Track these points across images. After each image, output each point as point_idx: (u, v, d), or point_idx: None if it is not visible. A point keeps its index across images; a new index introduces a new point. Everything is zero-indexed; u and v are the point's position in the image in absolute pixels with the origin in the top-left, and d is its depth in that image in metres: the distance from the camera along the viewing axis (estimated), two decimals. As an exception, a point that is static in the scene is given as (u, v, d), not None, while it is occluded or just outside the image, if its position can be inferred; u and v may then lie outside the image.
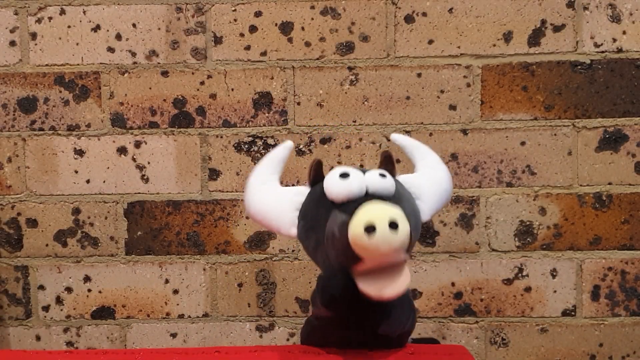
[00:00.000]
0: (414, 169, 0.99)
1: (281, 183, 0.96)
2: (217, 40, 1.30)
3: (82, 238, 1.32)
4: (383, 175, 0.88)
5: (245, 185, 0.95)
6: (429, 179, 0.96)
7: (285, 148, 0.98)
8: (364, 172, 0.88)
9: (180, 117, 1.31)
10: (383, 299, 0.84)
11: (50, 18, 1.30)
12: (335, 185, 0.87)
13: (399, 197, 0.89)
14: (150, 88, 1.31)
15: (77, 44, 1.30)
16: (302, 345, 0.99)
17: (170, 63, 1.30)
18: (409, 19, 1.28)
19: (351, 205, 0.84)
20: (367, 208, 0.83)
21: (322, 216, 0.88)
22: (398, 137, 1.02)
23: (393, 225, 0.80)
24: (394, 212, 0.82)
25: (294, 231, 0.91)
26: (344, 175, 0.87)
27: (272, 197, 0.94)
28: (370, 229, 0.80)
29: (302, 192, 0.93)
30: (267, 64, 1.30)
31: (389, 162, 0.93)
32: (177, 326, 1.34)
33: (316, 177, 0.92)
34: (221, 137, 1.31)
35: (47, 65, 1.30)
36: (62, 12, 1.30)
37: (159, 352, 0.97)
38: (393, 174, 0.93)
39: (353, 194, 0.85)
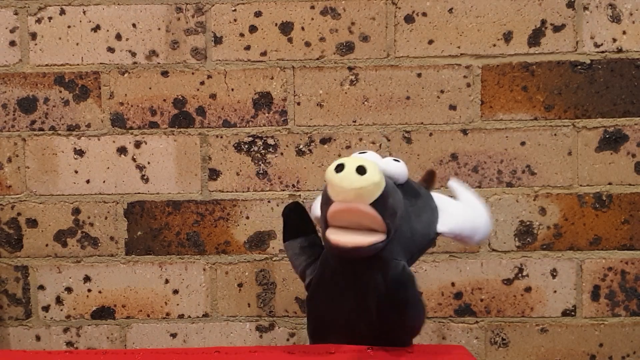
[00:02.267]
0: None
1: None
2: (217, 40, 1.30)
3: (82, 238, 1.32)
4: (397, 160, 0.93)
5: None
6: (463, 208, 0.98)
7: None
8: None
9: (180, 117, 1.31)
10: (340, 247, 0.87)
11: (50, 18, 1.30)
12: (352, 157, 0.91)
13: (412, 190, 0.93)
14: (150, 88, 1.31)
15: (77, 44, 1.30)
16: (304, 345, 0.99)
17: (170, 63, 1.30)
18: (409, 19, 1.28)
19: None
20: (351, 156, 0.90)
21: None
22: (453, 184, 1.03)
23: (361, 169, 0.84)
24: (370, 162, 0.85)
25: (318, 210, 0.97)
26: (362, 153, 0.94)
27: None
28: (339, 168, 0.85)
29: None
30: (267, 64, 1.30)
31: (430, 179, 1.00)
32: (177, 326, 1.34)
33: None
34: (221, 137, 1.31)
35: (47, 65, 1.30)
36: (62, 12, 1.30)
37: (159, 352, 0.97)
38: (428, 189, 0.98)
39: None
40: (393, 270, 0.90)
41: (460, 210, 0.97)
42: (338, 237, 0.87)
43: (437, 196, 0.98)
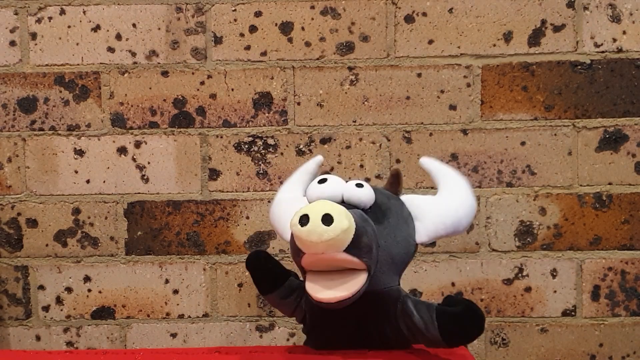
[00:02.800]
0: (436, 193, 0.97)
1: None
2: (217, 40, 1.30)
3: (82, 238, 1.32)
4: (360, 185, 0.88)
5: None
6: (437, 202, 0.94)
7: (315, 162, 1.02)
8: (348, 181, 0.90)
9: (180, 117, 1.31)
10: (323, 303, 0.84)
11: (50, 18, 1.30)
12: (312, 189, 0.89)
13: (382, 213, 0.89)
14: (150, 88, 1.31)
15: (77, 44, 1.30)
16: (303, 345, 0.99)
17: (170, 63, 1.30)
18: (409, 19, 1.28)
19: None
20: (313, 203, 0.85)
21: None
22: (426, 162, 1.00)
23: (327, 219, 0.80)
24: (335, 208, 0.82)
25: (287, 236, 0.93)
26: (322, 181, 0.88)
27: (284, 206, 0.97)
28: (303, 220, 0.81)
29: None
30: (267, 64, 1.30)
31: (395, 181, 0.94)
32: (177, 326, 1.34)
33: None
34: (221, 137, 1.31)
35: (47, 65, 1.30)
36: (62, 12, 1.30)
37: (159, 352, 0.97)
38: (397, 193, 0.94)
39: (325, 196, 0.87)
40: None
41: (436, 209, 0.93)
42: (319, 295, 0.84)
43: (410, 200, 0.94)
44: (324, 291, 0.84)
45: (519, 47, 1.28)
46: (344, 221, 0.81)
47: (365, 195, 0.88)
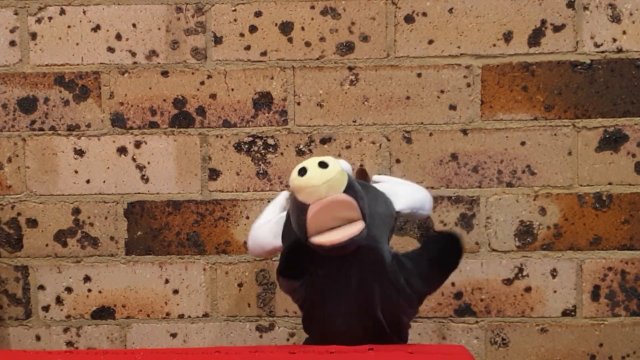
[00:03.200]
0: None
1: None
2: (217, 40, 1.30)
3: (82, 238, 1.32)
4: (323, 164, 0.94)
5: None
6: (402, 186, 1.06)
7: (282, 197, 1.07)
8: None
9: (180, 117, 1.31)
10: (334, 245, 0.90)
11: (50, 18, 1.30)
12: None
13: (361, 184, 0.97)
14: (150, 88, 1.31)
15: (77, 44, 1.30)
16: (304, 345, 0.99)
17: (170, 63, 1.30)
18: (409, 19, 1.28)
19: None
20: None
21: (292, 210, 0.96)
22: (378, 178, 1.08)
23: (322, 164, 0.91)
24: (327, 157, 0.92)
25: (278, 240, 1.01)
26: (302, 171, 0.94)
27: (266, 228, 1.04)
28: (302, 171, 0.91)
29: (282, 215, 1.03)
30: (267, 64, 1.30)
31: (363, 177, 1.07)
32: (177, 326, 1.34)
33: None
34: (221, 137, 1.31)
35: (47, 65, 1.30)
36: (62, 12, 1.30)
37: (159, 352, 0.97)
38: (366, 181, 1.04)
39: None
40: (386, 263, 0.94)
41: (403, 189, 1.04)
42: (326, 239, 0.90)
43: (380, 179, 1.05)
44: (331, 235, 0.90)
45: (519, 47, 1.28)
46: (337, 164, 0.91)
47: (346, 164, 0.98)
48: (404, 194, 1.03)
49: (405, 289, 0.95)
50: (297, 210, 0.92)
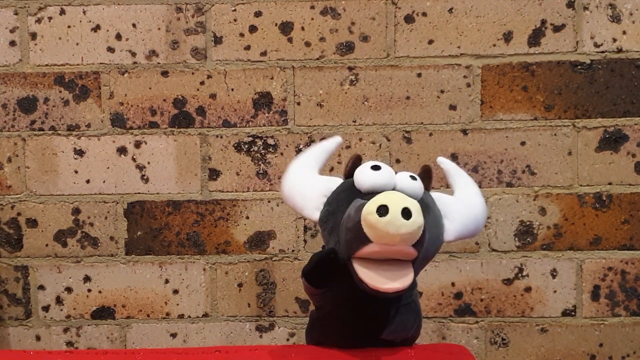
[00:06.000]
0: (452, 194, 0.99)
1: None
2: (217, 40, 1.30)
3: (82, 238, 1.32)
4: (414, 178, 0.89)
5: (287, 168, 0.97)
6: (463, 202, 0.96)
7: (334, 142, 1.00)
8: (395, 172, 0.90)
9: (180, 117, 1.31)
10: (378, 291, 0.84)
11: (50, 18, 1.30)
12: (365, 174, 0.88)
13: (425, 205, 0.89)
14: (150, 88, 1.31)
15: (77, 44, 1.30)
16: (304, 344, 0.99)
17: (170, 63, 1.30)
18: (409, 19, 1.28)
19: (374, 194, 0.85)
20: (387, 193, 0.84)
21: (344, 202, 0.89)
22: (443, 162, 1.02)
23: (406, 212, 0.81)
24: (411, 202, 0.83)
25: (316, 215, 0.93)
26: (376, 167, 0.88)
27: (305, 180, 0.96)
28: (382, 210, 0.81)
29: (335, 181, 0.94)
30: (267, 64, 1.30)
31: (427, 177, 0.94)
32: (177, 326, 1.34)
33: (352, 170, 0.93)
34: (221, 137, 1.31)
35: (47, 65, 1.31)
36: (62, 12, 1.30)
37: (159, 352, 0.97)
38: (427, 188, 0.94)
39: (379, 184, 0.87)
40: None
41: (463, 210, 0.95)
42: (382, 286, 0.84)
43: (438, 198, 0.95)
44: (384, 282, 0.84)
45: (519, 47, 1.28)
46: (420, 217, 0.83)
47: (419, 188, 0.89)
48: (463, 217, 0.94)
49: (418, 309, 0.93)
50: (356, 234, 0.84)
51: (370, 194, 0.86)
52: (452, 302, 1.31)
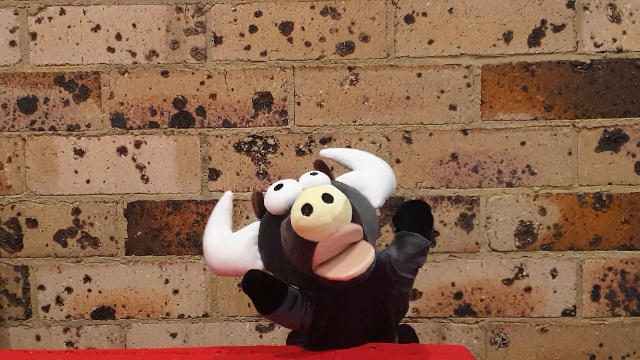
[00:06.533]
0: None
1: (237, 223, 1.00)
2: (217, 40, 1.30)
3: (82, 238, 1.32)
4: (314, 173, 0.91)
5: (203, 246, 0.95)
6: (367, 170, 0.98)
7: (227, 199, 0.99)
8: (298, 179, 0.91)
9: (180, 117, 1.31)
10: (347, 281, 0.84)
11: (50, 18, 1.30)
12: (272, 199, 0.89)
13: (340, 187, 0.90)
14: (150, 88, 1.31)
15: (77, 44, 1.30)
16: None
17: (170, 63, 1.30)
18: (409, 19, 1.28)
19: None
20: (301, 194, 0.86)
21: (275, 234, 0.89)
22: (327, 152, 1.03)
23: (327, 198, 0.82)
24: (325, 187, 0.85)
25: (259, 264, 0.93)
26: (278, 187, 0.89)
27: (229, 247, 0.94)
28: (306, 209, 0.82)
29: (254, 227, 0.94)
30: (267, 64, 1.30)
31: (324, 169, 0.95)
32: (177, 326, 1.34)
33: (261, 208, 0.93)
34: (221, 137, 1.31)
35: (47, 65, 1.30)
36: (62, 12, 1.30)
37: (159, 352, 0.97)
38: (332, 177, 0.95)
39: (289, 197, 0.87)
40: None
41: (368, 175, 0.97)
42: (338, 274, 0.84)
43: (346, 179, 0.96)
44: (340, 270, 0.84)
45: (519, 47, 1.28)
46: (341, 193, 0.84)
47: (324, 178, 0.90)
48: (375, 183, 0.96)
49: (404, 283, 0.93)
50: (301, 247, 0.84)
51: (288, 212, 0.86)
52: (452, 302, 1.31)
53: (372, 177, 0.97)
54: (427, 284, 1.31)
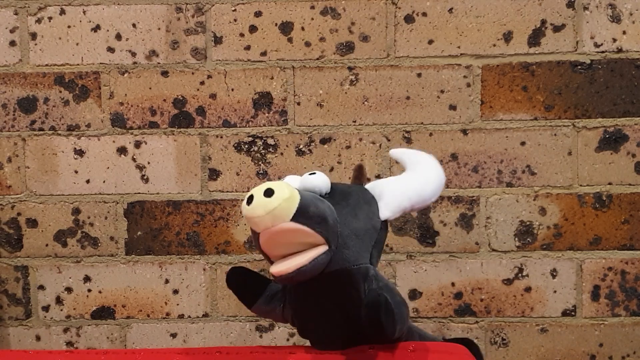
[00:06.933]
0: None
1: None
2: (217, 40, 1.30)
3: (82, 238, 1.32)
4: (313, 173, 0.91)
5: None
6: (399, 181, 0.96)
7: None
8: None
9: (180, 117, 1.31)
10: (284, 276, 0.86)
11: (50, 18, 1.30)
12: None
13: (340, 195, 0.91)
14: (150, 88, 1.31)
15: (77, 44, 1.30)
16: (304, 345, 0.99)
17: (170, 63, 1.30)
18: (409, 19, 1.28)
19: None
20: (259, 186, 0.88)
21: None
22: (394, 153, 1.02)
23: (268, 192, 0.84)
24: (277, 184, 0.86)
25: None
26: (249, 200, 0.88)
27: None
28: (249, 199, 0.85)
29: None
30: (267, 64, 1.30)
31: (360, 174, 0.99)
32: (177, 326, 1.34)
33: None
34: (221, 137, 1.31)
35: (47, 65, 1.30)
36: (62, 12, 1.30)
37: (159, 352, 0.97)
38: (363, 183, 0.97)
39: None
40: (368, 296, 0.88)
41: (398, 186, 0.95)
42: (278, 268, 0.86)
43: (375, 183, 0.96)
44: (283, 264, 0.86)
45: (519, 47, 1.28)
46: (285, 190, 0.85)
47: (319, 180, 0.91)
48: (397, 192, 0.94)
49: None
50: (253, 236, 0.89)
51: None
52: (452, 302, 1.31)
53: (400, 188, 0.95)
54: (427, 284, 1.31)
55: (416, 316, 1.31)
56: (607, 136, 1.28)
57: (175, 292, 1.33)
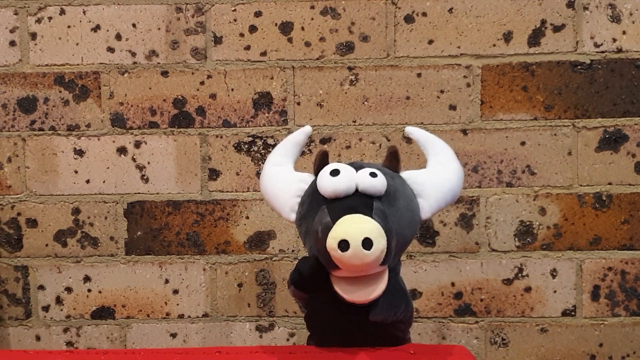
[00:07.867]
0: (425, 163, 0.98)
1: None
2: (217, 40, 1.30)
3: (82, 238, 1.32)
4: (374, 175, 0.89)
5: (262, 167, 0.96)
6: (436, 176, 0.96)
7: (303, 132, 1.00)
8: (358, 168, 0.90)
9: (180, 117, 1.31)
10: (355, 303, 0.88)
11: (50, 18, 1.30)
12: (324, 182, 0.89)
13: (392, 197, 0.90)
14: (150, 88, 1.31)
15: (77, 44, 1.30)
16: (304, 345, 0.99)
17: (170, 63, 1.30)
18: (409, 19, 1.28)
19: (338, 205, 0.87)
20: (345, 222, 0.85)
21: (313, 208, 0.90)
22: (413, 131, 1.00)
23: (366, 243, 0.83)
24: (370, 229, 0.84)
25: (293, 217, 0.95)
26: (335, 172, 0.89)
27: (280, 180, 0.97)
28: (343, 245, 0.83)
29: (305, 179, 0.95)
30: (267, 64, 1.30)
31: (394, 158, 0.95)
32: (177, 326, 1.34)
33: (320, 167, 0.93)
34: (221, 137, 1.31)
35: (47, 65, 1.30)
36: (62, 12, 1.30)
37: (159, 352, 0.97)
38: (397, 170, 0.94)
39: (340, 191, 0.88)
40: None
41: (435, 184, 0.94)
42: (353, 297, 0.87)
43: (409, 177, 0.95)
44: (356, 293, 0.87)
45: (519, 47, 1.28)
46: (382, 242, 0.84)
47: (380, 184, 0.89)
48: (436, 191, 0.94)
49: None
50: (327, 260, 0.87)
51: (334, 201, 0.88)
52: (452, 302, 1.31)
53: (435, 183, 0.95)
54: (427, 284, 1.31)
55: (416, 316, 1.31)
56: (607, 136, 1.28)
57: (175, 292, 1.33)
